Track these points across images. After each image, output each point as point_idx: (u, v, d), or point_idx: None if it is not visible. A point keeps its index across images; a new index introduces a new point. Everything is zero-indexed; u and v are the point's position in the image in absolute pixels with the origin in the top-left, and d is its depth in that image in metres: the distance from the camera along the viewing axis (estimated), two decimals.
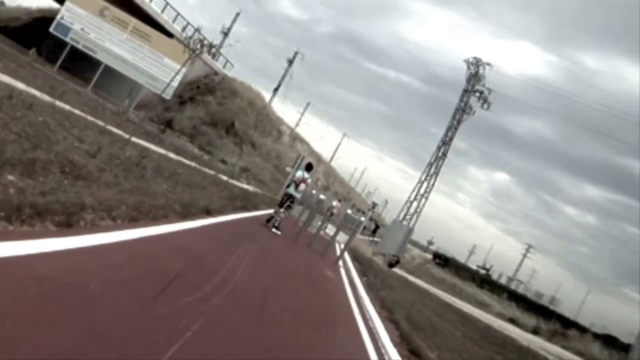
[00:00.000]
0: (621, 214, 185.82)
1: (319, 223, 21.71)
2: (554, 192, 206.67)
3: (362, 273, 19.86)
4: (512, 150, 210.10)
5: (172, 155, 22.34)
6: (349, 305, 11.81)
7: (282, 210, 17.99)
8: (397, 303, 15.07)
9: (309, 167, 18.73)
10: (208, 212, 12.85)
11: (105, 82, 42.23)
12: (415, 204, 53.38)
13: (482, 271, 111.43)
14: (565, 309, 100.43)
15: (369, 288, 16.38)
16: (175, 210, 10.56)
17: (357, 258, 24.54)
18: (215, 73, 58.26)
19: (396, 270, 35.85)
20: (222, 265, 8.31)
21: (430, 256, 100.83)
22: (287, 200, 17.98)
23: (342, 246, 21.25)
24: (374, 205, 38.52)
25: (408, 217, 52.74)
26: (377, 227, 74.65)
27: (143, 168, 12.73)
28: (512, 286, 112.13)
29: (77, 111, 17.75)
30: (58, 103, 16.69)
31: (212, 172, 24.98)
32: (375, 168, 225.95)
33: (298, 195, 18.05)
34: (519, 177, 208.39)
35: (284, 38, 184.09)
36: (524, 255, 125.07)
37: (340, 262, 19.17)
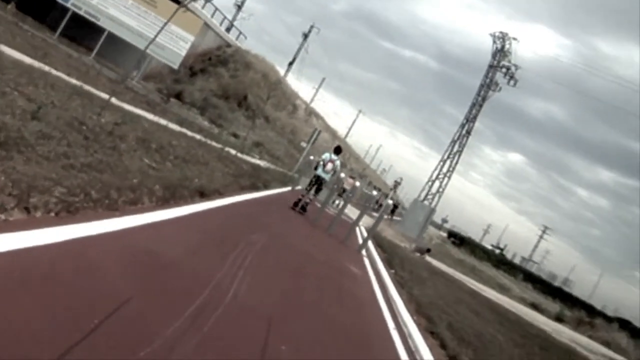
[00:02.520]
0: (634, 198, 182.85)
1: (335, 201, 19.24)
2: (567, 174, 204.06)
3: (388, 263, 17.32)
4: (526, 132, 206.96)
5: (173, 126, 19.74)
6: (382, 317, 9.25)
7: (310, 193, 17.56)
8: (433, 305, 12.69)
9: (337, 150, 18.17)
10: (202, 194, 10.26)
11: (112, 51, 39.64)
12: (437, 183, 50.73)
13: (497, 250, 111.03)
14: (578, 291, 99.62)
15: (399, 284, 13.83)
16: (154, 192, 7.99)
17: (379, 243, 21.95)
18: (228, 45, 55.63)
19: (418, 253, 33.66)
20: (207, 277, 5.74)
21: (444, 234, 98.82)
22: (316, 183, 17.45)
23: (361, 228, 18.67)
24: (397, 183, 35.79)
25: (429, 197, 50.09)
26: (395, 206, 72.19)
27: (120, 138, 10.11)
28: (526, 266, 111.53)
29: (57, 73, 15.20)
30: (38, 64, 14.19)
31: (220, 146, 22.36)
32: (390, 145, 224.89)
33: (327, 177, 17.43)
34: (533, 159, 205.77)
35: (299, 15, 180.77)
36: (541, 237, 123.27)
37: (364, 251, 16.63)
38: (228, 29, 58.00)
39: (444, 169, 50.98)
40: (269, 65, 58.27)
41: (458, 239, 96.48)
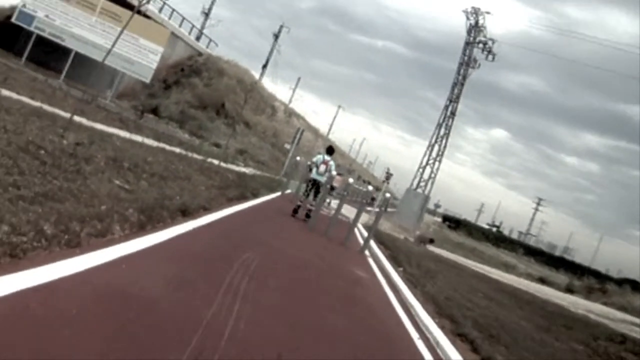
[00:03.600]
0: (623, 159, 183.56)
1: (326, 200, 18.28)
2: (553, 144, 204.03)
3: (393, 260, 16.28)
4: (507, 107, 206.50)
5: (149, 142, 18.64)
6: (403, 327, 8.20)
7: (309, 198, 17.10)
8: (450, 301, 11.76)
9: (330, 151, 17.85)
10: (185, 213, 9.18)
11: (83, 73, 38.62)
12: (427, 169, 49.77)
13: (494, 229, 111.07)
14: (580, 258, 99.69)
15: (410, 283, 12.81)
16: (127, 218, 6.91)
17: (379, 239, 20.89)
18: (199, 54, 54.49)
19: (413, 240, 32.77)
20: (195, 317, 4.68)
21: (439, 219, 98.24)
22: (313, 187, 16.98)
23: (359, 226, 17.59)
24: (388, 175, 34.75)
25: (422, 184, 49.13)
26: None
27: (85, 159, 9.01)
28: (525, 240, 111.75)
29: (18, 97, 14.08)
30: None
31: (201, 158, 21.26)
32: (373, 138, 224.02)
33: (322, 179, 16.81)
34: (517, 133, 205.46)
35: (267, 17, 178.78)
36: (536, 209, 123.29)
37: (367, 252, 15.63)
38: (198, 38, 56.96)
39: (433, 154, 50.03)
40: (242, 70, 57.18)
41: (453, 223, 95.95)
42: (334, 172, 17.02)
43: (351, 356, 5.81)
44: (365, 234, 18.79)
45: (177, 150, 20.54)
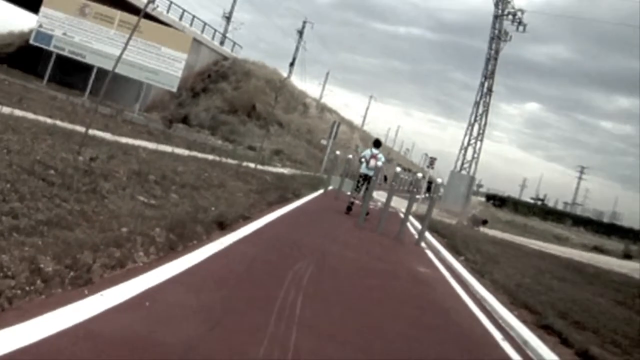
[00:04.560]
0: None
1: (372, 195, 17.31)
2: (587, 110, 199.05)
3: (452, 249, 15.04)
4: (537, 79, 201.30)
5: (180, 151, 17.64)
6: (483, 328, 6.98)
7: (360, 194, 16.70)
8: (523, 288, 10.61)
9: (377, 144, 17.37)
10: (222, 225, 8.06)
11: (108, 88, 37.69)
12: (470, 150, 48.16)
13: (538, 202, 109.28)
14: (628, 222, 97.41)
15: (476, 272, 11.69)
16: (153, 240, 5.79)
17: (432, 227, 19.60)
18: (225, 58, 53.64)
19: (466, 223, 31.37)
20: None
21: (483, 199, 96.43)
22: (364, 182, 16.54)
23: (407, 216, 16.34)
24: (432, 160, 33.39)
25: (465, 165, 47.57)
26: (430, 183, 69.93)
27: (104, 176, 7.92)
28: (571, 210, 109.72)
29: (33, 116, 13.12)
30: (7, 110, 12.15)
31: (236, 162, 20.20)
32: (407, 125, 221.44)
33: (371, 173, 16.21)
34: (550, 104, 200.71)
35: (289, 16, 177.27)
36: (579, 178, 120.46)
37: (423, 243, 14.47)
38: (222, 42, 56.08)
39: (474, 133, 48.36)
40: (270, 70, 56.05)
41: (498, 201, 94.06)
42: (379, 163, 16.12)
43: None
44: (417, 224, 17.60)
45: (210, 157, 19.50)
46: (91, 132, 13.35)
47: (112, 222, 5.88)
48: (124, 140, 15.09)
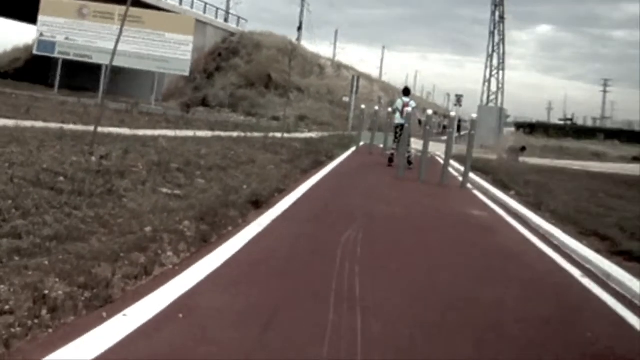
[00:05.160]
0: None
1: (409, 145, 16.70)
2: (596, 23, 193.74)
3: (499, 185, 14.28)
4: (543, 2, 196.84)
5: (202, 134, 17.00)
6: (558, 267, 6.20)
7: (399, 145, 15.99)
8: (583, 214, 9.91)
9: (406, 92, 17.34)
10: (257, 203, 7.35)
11: (122, 85, 37.27)
12: (493, 81, 46.81)
13: (567, 123, 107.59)
14: None
15: (531, 206, 10.84)
16: (183, 234, 5.11)
17: (473, 165, 18.76)
18: (232, 34, 52.95)
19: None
20: None
21: (512, 129, 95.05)
22: (400, 132, 15.89)
23: (448, 160, 15.54)
24: (459, 98, 32.10)
25: (492, 97, 46.33)
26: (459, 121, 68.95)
27: (119, 174, 7.22)
28: (601, 125, 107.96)
29: (43, 124, 12.51)
30: (12, 122, 11.54)
31: (262, 135, 19.50)
32: (425, 68, 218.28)
33: (407, 123, 15.50)
34: (560, 23, 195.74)
35: None
36: (604, 91, 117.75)
37: (469, 185, 13.75)
38: (226, 19, 55.21)
39: (494, 63, 46.92)
40: (279, 38, 55.06)
41: (528, 128, 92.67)
42: (409, 109, 15.64)
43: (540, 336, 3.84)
44: (457, 165, 16.80)
45: (234, 134, 18.84)
46: (107, 129, 12.78)
47: (132, 223, 5.19)
48: (141, 132, 14.51)
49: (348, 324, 3.65)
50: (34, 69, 44.26)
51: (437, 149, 22.06)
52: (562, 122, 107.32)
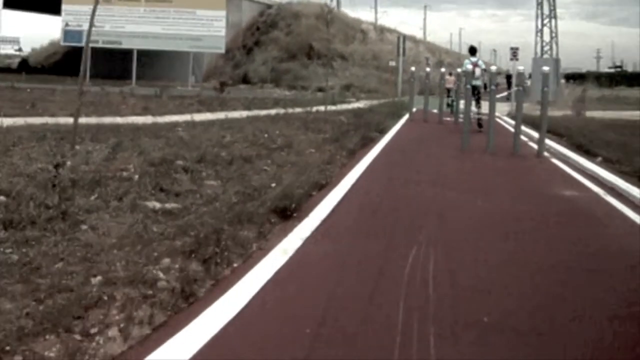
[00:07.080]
0: None
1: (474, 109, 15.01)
2: None
3: (578, 149, 12.18)
4: None
5: (236, 115, 15.18)
6: None
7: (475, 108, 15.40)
8: None
9: (472, 51, 16.85)
10: (285, 212, 5.32)
11: (158, 69, 36.02)
12: (546, 30, 43.66)
13: (617, 70, 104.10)
14: None
15: (627, 175, 8.87)
16: (152, 287, 3.17)
17: (538, 126, 16.53)
18: (269, 6, 51.22)
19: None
20: None
21: (563, 81, 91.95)
22: (477, 94, 15.28)
23: (519, 125, 13.39)
24: (515, 51, 29.49)
25: (546, 48, 43.28)
26: (509, 76, 66.23)
27: (90, 186, 5.28)
28: None
29: (41, 119, 10.84)
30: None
31: (303, 110, 17.51)
32: (468, 25, 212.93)
33: (479, 83, 15.45)
34: None
35: None
36: None
37: (546, 153, 11.54)
38: None
39: (545, 11, 43.69)
40: (318, 5, 53.03)
41: (578, 78, 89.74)
42: (478, 70, 15.40)
43: None
44: (525, 129, 14.64)
45: (273, 111, 16.90)
46: (124, 119, 11.02)
47: (75, 269, 3.25)
48: (165, 119, 12.81)
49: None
50: (72, 61, 43.10)
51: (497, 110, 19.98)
52: (612, 70, 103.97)
